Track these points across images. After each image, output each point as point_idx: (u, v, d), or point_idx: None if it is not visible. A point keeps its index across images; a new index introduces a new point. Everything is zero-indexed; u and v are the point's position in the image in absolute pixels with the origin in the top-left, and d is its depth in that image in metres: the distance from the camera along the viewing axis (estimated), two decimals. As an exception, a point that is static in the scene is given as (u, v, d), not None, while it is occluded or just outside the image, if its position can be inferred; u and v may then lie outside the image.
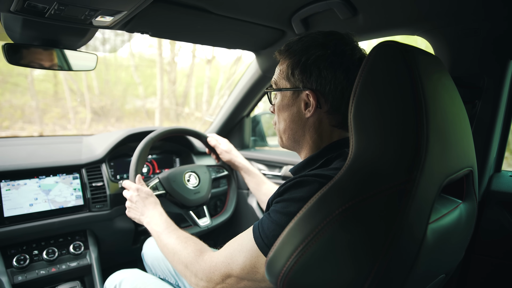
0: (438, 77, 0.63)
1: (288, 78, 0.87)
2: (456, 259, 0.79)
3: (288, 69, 0.86)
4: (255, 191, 1.44)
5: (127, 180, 1.30)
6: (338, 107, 0.82)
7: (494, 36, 0.99)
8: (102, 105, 8.02)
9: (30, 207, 1.41)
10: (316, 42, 0.83)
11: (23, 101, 6.97)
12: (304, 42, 0.84)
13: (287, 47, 0.87)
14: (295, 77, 0.85)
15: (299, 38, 0.87)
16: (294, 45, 0.86)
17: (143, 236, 1.73)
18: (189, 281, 0.91)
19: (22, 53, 1.16)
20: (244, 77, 1.87)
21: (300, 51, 0.83)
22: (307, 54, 0.82)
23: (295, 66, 0.84)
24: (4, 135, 5.03)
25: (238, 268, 0.78)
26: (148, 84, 8.79)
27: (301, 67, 0.83)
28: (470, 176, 0.75)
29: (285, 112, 0.89)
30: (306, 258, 0.59)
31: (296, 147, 0.92)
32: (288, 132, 0.90)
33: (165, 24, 1.22)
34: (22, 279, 1.34)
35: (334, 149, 0.84)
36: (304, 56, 0.82)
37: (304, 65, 0.82)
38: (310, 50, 0.82)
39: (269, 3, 1.15)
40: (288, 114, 0.89)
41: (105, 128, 7.65)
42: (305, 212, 0.61)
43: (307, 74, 0.82)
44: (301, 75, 0.83)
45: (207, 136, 1.59)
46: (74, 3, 0.86)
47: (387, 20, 1.14)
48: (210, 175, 1.57)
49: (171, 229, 1.06)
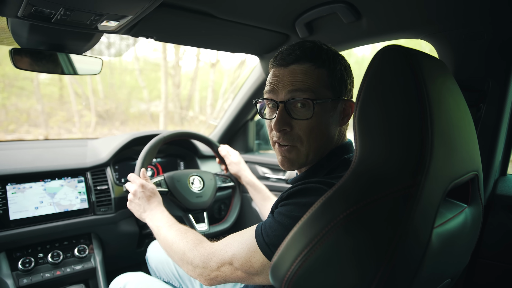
0: (443, 81, 0.62)
1: (332, 86, 0.82)
2: (461, 263, 0.78)
3: (330, 76, 0.81)
4: (260, 206, 1.43)
5: (132, 173, 1.30)
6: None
7: (498, 40, 0.99)
8: (107, 109, 8.06)
9: (36, 210, 1.41)
10: (332, 51, 0.84)
11: (28, 104, 7.01)
12: (328, 50, 0.83)
13: (325, 52, 0.82)
14: (336, 85, 0.82)
15: (320, 44, 0.83)
16: (324, 54, 0.81)
17: (148, 239, 1.74)
18: (186, 270, 0.91)
19: (29, 58, 1.17)
20: (248, 81, 1.88)
21: (334, 58, 0.83)
22: (340, 63, 0.84)
23: (337, 73, 0.82)
24: (10, 139, 5.07)
25: (234, 257, 0.78)
26: (152, 88, 8.82)
27: (342, 73, 0.83)
28: (475, 180, 0.75)
29: (318, 121, 0.81)
30: (311, 262, 0.59)
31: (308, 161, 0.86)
32: (313, 144, 0.83)
33: (169, 28, 1.23)
34: (27, 282, 1.35)
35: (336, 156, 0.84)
36: (339, 64, 0.83)
37: (344, 72, 0.84)
38: (339, 59, 0.84)
39: (273, 7, 1.16)
40: (321, 125, 0.82)
41: (109, 131, 7.68)
42: (310, 216, 0.61)
43: (344, 82, 0.84)
44: (340, 83, 0.83)
45: (219, 145, 1.59)
46: (80, 8, 0.87)
47: (390, 24, 1.14)
48: (215, 182, 1.56)
49: (171, 223, 1.06)
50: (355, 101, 0.62)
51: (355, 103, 0.62)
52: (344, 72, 0.83)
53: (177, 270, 1.35)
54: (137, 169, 1.33)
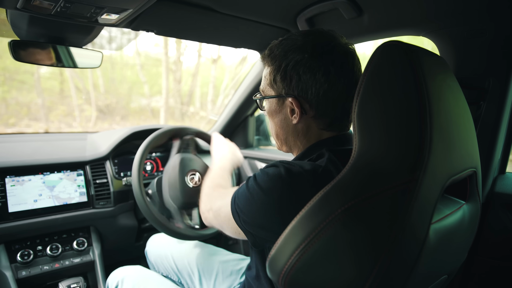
0: (443, 78, 0.63)
1: (271, 85, 0.84)
2: (458, 260, 0.79)
3: (271, 75, 0.84)
4: None
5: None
6: (324, 110, 0.80)
7: (499, 37, 0.98)
8: (108, 103, 8.06)
9: (35, 203, 1.42)
10: (295, 45, 0.80)
11: (29, 98, 7.01)
12: (284, 46, 0.81)
13: (270, 51, 0.84)
14: (277, 84, 0.82)
15: (280, 41, 0.84)
16: (276, 49, 0.83)
17: (147, 233, 1.74)
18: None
19: (28, 50, 1.17)
20: (249, 76, 1.87)
21: (280, 56, 0.81)
22: (286, 59, 0.79)
23: (276, 72, 0.81)
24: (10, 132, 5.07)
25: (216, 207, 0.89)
26: (153, 83, 8.81)
27: (281, 73, 0.80)
28: (473, 177, 0.75)
29: (275, 118, 0.88)
30: (308, 256, 0.59)
31: (290, 151, 0.93)
32: (281, 138, 0.90)
33: (170, 22, 1.23)
34: (26, 274, 1.35)
35: (317, 148, 0.83)
36: (284, 62, 0.80)
37: (284, 71, 0.80)
38: (288, 55, 0.79)
39: (275, 2, 1.15)
40: (277, 121, 0.88)
41: (110, 126, 7.68)
42: (307, 210, 0.61)
43: (287, 80, 0.80)
44: (282, 81, 0.81)
45: (211, 136, 1.58)
46: (80, 0, 0.87)
47: (392, 20, 1.14)
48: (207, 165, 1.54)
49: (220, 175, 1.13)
50: (355, 96, 0.62)
51: (354, 101, 0.61)
52: (292, 68, 0.79)
53: (176, 265, 1.36)
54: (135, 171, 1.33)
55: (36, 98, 6.97)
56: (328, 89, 0.78)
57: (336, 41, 0.80)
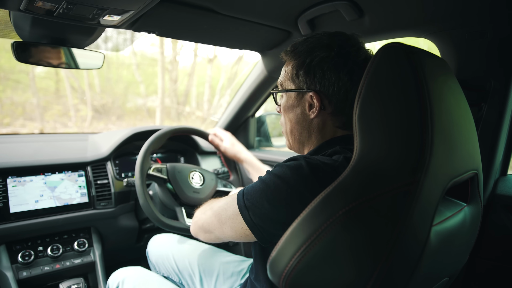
0: (444, 80, 0.63)
1: (293, 79, 0.87)
2: (460, 262, 0.79)
3: (293, 70, 0.86)
4: None
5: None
6: (342, 108, 0.83)
7: (500, 39, 0.99)
8: (103, 103, 8.02)
9: (36, 204, 1.42)
10: (321, 43, 0.83)
11: (24, 98, 6.96)
12: (310, 43, 0.84)
13: (293, 47, 0.87)
14: (299, 78, 0.85)
15: (305, 39, 0.87)
16: (300, 46, 0.86)
17: (147, 234, 1.74)
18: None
19: (31, 51, 1.17)
20: (250, 77, 1.88)
21: (305, 52, 0.84)
22: (311, 55, 0.82)
23: (299, 67, 0.84)
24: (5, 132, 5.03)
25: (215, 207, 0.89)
26: (149, 83, 8.78)
27: (305, 68, 0.83)
28: (475, 179, 0.75)
29: (291, 113, 0.90)
30: (309, 258, 0.59)
31: (301, 149, 0.93)
32: (294, 133, 0.91)
33: (172, 23, 1.23)
34: (26, 274, 1.35)
35: (331, 145, 0.85)
36: (308, 58, 0.83)
37: (308, 67, 0.83)
38: (314, 51, 0.82)
39: (276, 4, 1.16)
40: (293, 115, 0.90)
41: (106, 126, 7.64)
42: (309, 212, 0.61)
43: (311, 75, 0.83)
44: (305, 76, 0.84)
45: (209, 133, 1.59)
46: (82, 2, 0.87)
47: (393, 22, 1.14)
48: (216, 184, 1.55)
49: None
50: (356, 98, 0.62)
51: (355, 103, 0.62)
52: (317, 64, 0.82)
53: (177, 265, 1.36)
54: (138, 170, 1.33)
55: (31, 98, 6.92)
56: (349, 89, 0.81)
57: (361, 44, 0.85)
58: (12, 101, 6.86)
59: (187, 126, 1.58)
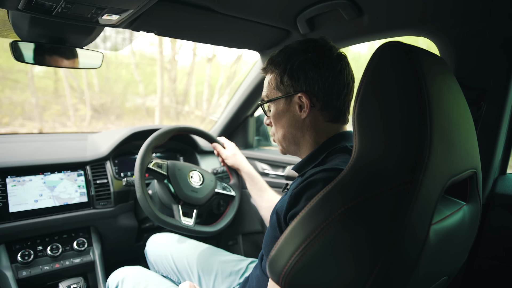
0: (443, 79, 0.63)
1: (278, 87, 0.93)
2: (459, 261, 0.78)
3: (277, 78, 0.92)
4: (256, 197, 1.42)
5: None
6: (329, 102, 0.89)
7: (499, 37, 0.99)
8: (102, 103, 8.01)
9: (35, 203, 1.42)
10: (296, 50, 0.90)
11: (23, 97, 6.94)
12: (285, 52, 0.91)
13: (270, 61, 0.94)
14: (285, 84, 0.91)
15: (279, 51, 0.93)
16: (277, 57, 0.92)
17: (147, 233, 1.74)
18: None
19: (29, 51, 1.17)
20: (249, 76, 1.88)
21: (284, 60, 0.90)
22: (291, 61, 0.89)
23: (282, 74, 0.90)
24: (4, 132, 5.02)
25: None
26: (148, 82, 8.77)
27: (288, 73, 0.89)
28: (474, 178, 0.75)
29: (282, 119, 0.94)
30: (308, 257, 0.59)
31: (297, 150, 0.97)
32: (288, 137, 0.95)
33: (170, 23, 1.23)
34: (26, 274, 1.35)
35: (333, 143, 0.89)
36: (289, 64, 0.89)
37: (291, 71, 0.89)
38: (292, 57, 0.89)
39: (275, 3, 1.16)
40: (285, 120, 0.94)
41: (105, 125, 7.63)
42: (308, 211, 0.61)
43: (295, 78, 0.89)
44: (290, 80, 0.90)
45: (214, 138, 1.59)
46: (81, 1, 0.87)
47: (392, 21, 1.14)
48: (215, 185, 1.54)
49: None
50: (355, 97, 0.62)
51: (354, 102, 0.62)
52: (298, 67, 0.88)
53: (176, 265, 1.36)
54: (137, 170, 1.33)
55: (30, 97, 6.91)
56: (332, 83, 0.88)
57: (330, 44, 0.91)
58: (11, 100, 6.84)
59: (193, 127, 1.58)
